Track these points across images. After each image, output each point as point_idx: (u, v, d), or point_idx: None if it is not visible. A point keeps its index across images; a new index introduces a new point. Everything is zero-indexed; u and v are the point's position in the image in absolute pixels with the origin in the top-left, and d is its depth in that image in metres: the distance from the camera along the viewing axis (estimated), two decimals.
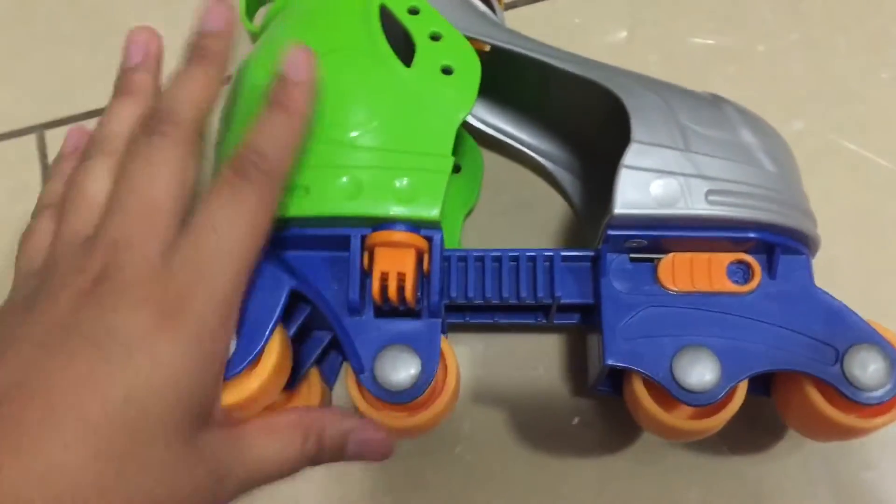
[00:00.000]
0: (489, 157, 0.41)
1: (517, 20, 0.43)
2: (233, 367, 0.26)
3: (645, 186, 0.29)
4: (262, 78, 0.32)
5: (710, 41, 0.43)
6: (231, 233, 0.25)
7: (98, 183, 0.26)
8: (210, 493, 0.24)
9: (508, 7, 0.44)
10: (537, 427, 0.36)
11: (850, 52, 0.42)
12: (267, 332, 0.27)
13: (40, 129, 0.46)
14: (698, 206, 0.29)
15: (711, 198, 0.29)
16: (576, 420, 0.36)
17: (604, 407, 0.36)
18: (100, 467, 0.21)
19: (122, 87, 0.29)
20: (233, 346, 0.26)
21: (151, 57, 0.30)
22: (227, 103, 0.34)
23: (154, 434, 0.22)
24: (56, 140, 0.45)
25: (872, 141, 0.40)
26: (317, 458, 0.28)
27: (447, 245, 0.31)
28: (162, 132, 0.26)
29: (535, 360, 0.37)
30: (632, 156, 0.29)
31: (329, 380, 0.35)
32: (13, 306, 0.25)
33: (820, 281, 0.31)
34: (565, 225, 0.40)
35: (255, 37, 0.37)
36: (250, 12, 0.38)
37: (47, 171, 0.45)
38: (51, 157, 0.45)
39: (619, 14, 0.44)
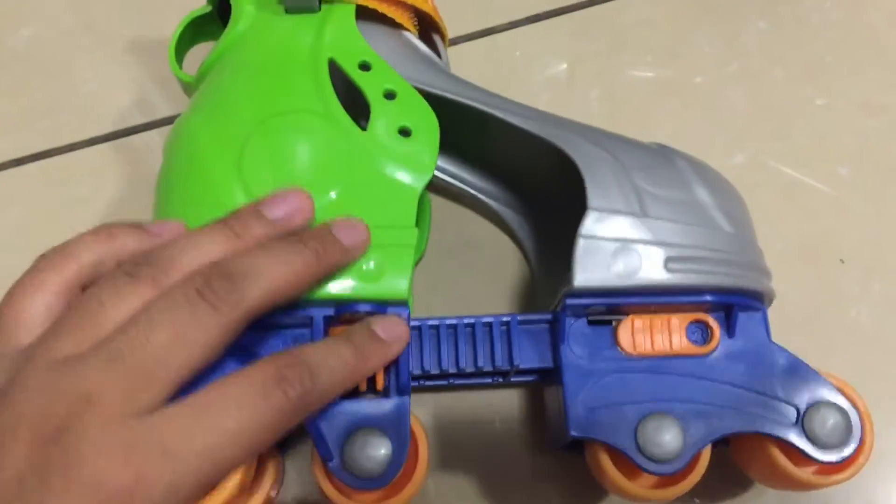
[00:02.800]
0: (432, 196, 0.40)
1: (458, 55, 0.41)
2: None
3: (604, 257, 0.28)
4: (205, 141, 0.30)
5: (650, 74, 0.43)
6: (222, 423, 0.22)
7: (121, 307, 0.23)
8: None
9: (451, 43, 0.42)
10: (498, 483, 0.35)
11: (787, 81, 0.42)
12: None
13: None
14: (657, 275, 0.28)
15: (670, 265, 0.28)
16: (537, 474, 0.35)
17: (565, 460, 0.35)
18: None
19: (234, 223, 0.26)
20: None
21: (298, 218, 0.27)
22: (164, 164, 0.32)
23: None
24: None
25: (813, 169, 0.40)
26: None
27: None
28: (215, 303, 0.23)
29: (491, 413, 0.36)
30: (589, 224, 0.28)
31: (283, 449, 0.34)
32: None
33: (769, 315, 0.31)
34: (514, 266, 0.39)
35: (187, 86, 0.34)
36: (179, 57, 0.35)
37: None
38: None
39: (559, 48, 0.43)
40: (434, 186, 0.40)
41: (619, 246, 0.28)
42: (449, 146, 0.38)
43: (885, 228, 0.39)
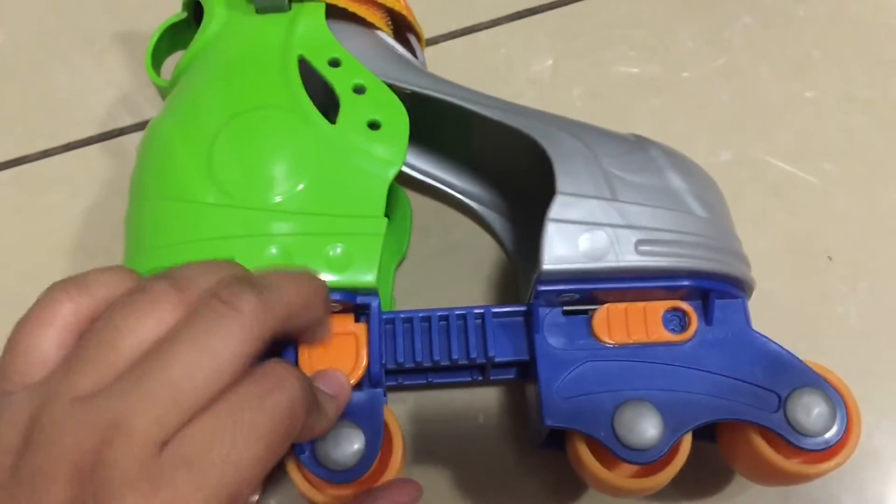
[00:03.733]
0: (414, 199, 0.40)
1: (439, 54, 0.42)
2: None
3: (573, 240, 0.27)
4: (176, 141, 0.30)
5: (634, 70, 0.43)
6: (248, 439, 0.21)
7: (139, 330, 0.22)
8: None
9: (430, 43, 0.42)
10: (482, 481, 0.35)
11: (773, 77, 0.42)
12: None
13: None
14: (628, 258, 0.27)
15: (641, 248, 0.28)
16: (520, 470, 0.35)
17: (549, 457, 0.35)
18: None
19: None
20: None
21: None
22: (137, 165, 0.32)
23: None
24: None
25: (800, 165, 0.40)
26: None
27: (382, 303, 0.30)
28: (239, 307, 0.22)
29: (473, 410, 0.36)
30: (557, 208, 0.28)
31: None
32: None
33: (757, 314, 0.30)
34: (498, 267, 0.39)
35: (163, 90, 0.35)
36: (156, 63, 0.35)
37: None
38: None
39: (541, 46, 0.43)
40: (417, 188, 0.40)
41: (587, 229, 0.28)
42: (428, 145, 0.38)
43: (873, 225, 0.39)
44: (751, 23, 0.44)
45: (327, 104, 0.31)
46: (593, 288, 0.28)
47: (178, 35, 0.35)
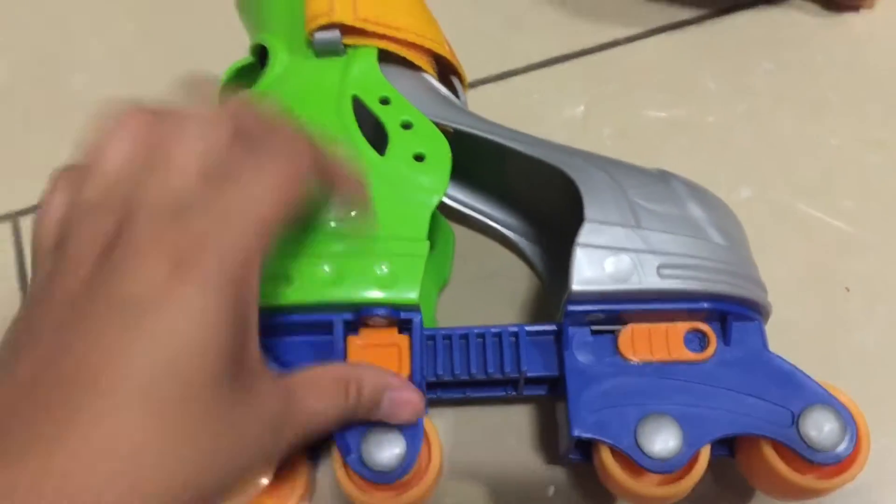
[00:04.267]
0: (455, 229, 0.42)
1: (478, 97, 0.45)
2: None
3: (599, 263, 0.30)
4: None
5: (662, 114, 0.45)
6: (255, 185, 0.24)
7: (123, 146, 0.24)
8: (269, 445, 0.24)
9: (469, 86, 0.46)
10: (514, 499, 0.37)
11: (793, 119, 0.45)
12: None
13: (14, 216, 0.47)
14: (651, 281, 0.30)
15: (663, 271, 0.30)
16: (551, 490, 0.37)
17: (578, 476, 0.37)
18: (147, 438, 0.20)
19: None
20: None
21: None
22: None
23: (196, 391, 0.21)
24: (30, 227, 0.46)
25: (818, 202, 0.42)
26: (354, 411, 0.28)
27: (424, 323, 0.32)
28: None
29: (506, 431, 0.38)
30: (586, 234, 0.31)
31: (314, 460, 0.36)
32: (35, 288, 0.24)
33: (777, 344, 0.32)
34: (532, 293, 0.41)
35: None
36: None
37: (21, 257, 0.45)
38: (25, 242, 0.46)
39: (573, 90, 0.46)
40: (458, 219, 0.43)
41: (613, 253, 0.30)
42: (469, 178, 0.41)
43: (889, 258, 0.40)
44: (771, 68, 0.46)
45: (377, 138, 0.34)
46: (618, 309, 0.31)
47: (244, 77, 0.39)
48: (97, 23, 0.51)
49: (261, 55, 0.38)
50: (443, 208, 0.42)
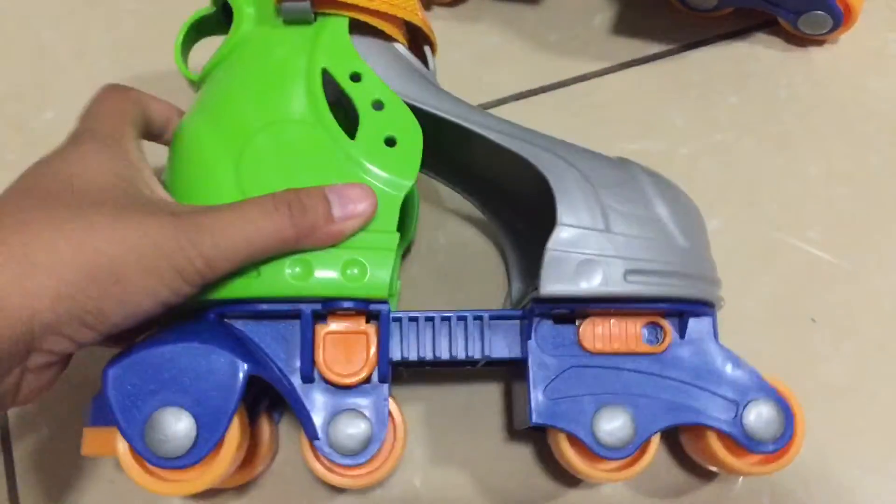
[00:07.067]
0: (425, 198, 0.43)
1: None
2: (195, 455, 0.27)
3: (569, 268, 0.31)
4: (206, 138, 0.32)
5: (634, 146, 0.45)
6: None
7: None
8: (187, 257, 0.28)
9: None
10: (495, 477, 0.38)
11: (758, 151, 0.45)
12: (226, 421, 0.28)
13: None
14: (617, 286, 0.31)
15: (629, 277, 0.31)
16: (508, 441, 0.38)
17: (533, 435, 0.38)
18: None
19: None
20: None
21: None
22: (168, 168, 0.34)
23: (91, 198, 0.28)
24: None
25: (785, 232, 0.43)
26: (298, 221, 0.30)
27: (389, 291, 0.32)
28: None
29: (475, 411, 0.39)
30: (557, 238, 0.31)
31: (274, 417, 0.37)
32: None
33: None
34: (494, 266, 0.42)
35: (194, 84, 0.36)
36: (184, 54, 0.37)
37: None
38: None
39: (544, 123, 0.39)
40: (424, 187, 0.42)
41: (583, 259, 0.31)
42: (437, 155, 0.40)
43: (855, 289, 0.41)
44: (737, 102, 0.46)
45: (346, 114, 0.33)
46: (583, 307, 0.32)
47: (204, 32, 0.37)
48: (69, 59, 0.48)
49: (226, 13, 0.36)
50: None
